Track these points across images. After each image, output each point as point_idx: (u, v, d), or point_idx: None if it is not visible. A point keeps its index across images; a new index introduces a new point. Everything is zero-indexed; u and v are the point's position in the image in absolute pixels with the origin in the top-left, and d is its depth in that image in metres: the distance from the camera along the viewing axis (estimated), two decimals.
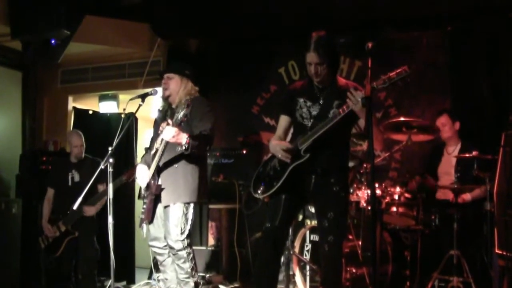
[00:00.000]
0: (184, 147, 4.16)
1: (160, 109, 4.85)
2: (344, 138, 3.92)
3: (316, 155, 3.71)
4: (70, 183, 5.83)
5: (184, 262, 4.45)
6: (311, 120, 3.80)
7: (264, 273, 3.89)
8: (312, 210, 5.36)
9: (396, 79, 3.36)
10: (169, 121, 4.27)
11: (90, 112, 7.79)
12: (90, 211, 5.59)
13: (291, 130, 4.03)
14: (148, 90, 4.58)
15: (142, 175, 4.55)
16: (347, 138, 3.99)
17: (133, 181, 4.73)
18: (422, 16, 6.13)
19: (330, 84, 3.82)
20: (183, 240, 4.43)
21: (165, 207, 4.48)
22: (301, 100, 3.87)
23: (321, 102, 3.80)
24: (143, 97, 4.43)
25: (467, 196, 5.09)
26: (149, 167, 4.53)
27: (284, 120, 4.02)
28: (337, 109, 3.64)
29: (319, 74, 3.72)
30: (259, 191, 3.94)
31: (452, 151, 5.43)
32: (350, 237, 5.02)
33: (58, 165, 6.19)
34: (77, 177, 5.82)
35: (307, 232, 5.36)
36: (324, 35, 3.71)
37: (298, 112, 3.88)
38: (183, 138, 4.15)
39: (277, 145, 3.82)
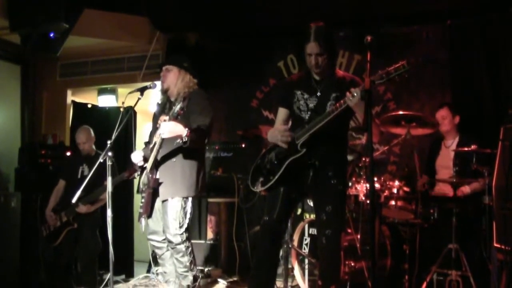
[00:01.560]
0: (184, 140, 4.15)
1: (159, 102, 4.84)
2: (342, 131, 3.91)
3: (314, 149, 3.71)
4: (79, 176, 5.89)
5: (183, 255, 4.46)
6: (309, 113, 3.80)
7: (262, 267, 3.88)
8: (311, 203, 5.37)
9: (394, 74, 3.35)
10: (165, 117, 4.27)
11: (89, 105, 7.80)
12: (81, 209, 5.61)
13: (290, 123, 4.02)
14: (147, 83, 4.59)
15: (136, 156, 4.56)
16: (345, 131, 3.97)
17: (134, 178, 4.75)
18: (422, 10, 6.11)
19: (328, 76, 3.81)
20: (182, 234, 4.44)
21: (164, 201, 4.48)
22: (298, 92, 3.86)
23: (318, 94, 3.79)
24: (142, 90, 4.43)
25: (466, 189, 5.09)
26: (147, 159, 4.54)
27: (282, 112, 4.01)
28: (334, 102, 3.64)
29: (319, 65, 3.70)
30: (256, 185, 3.94)
31: (450, 144, 5.44)
32: (349, 230, 5.03)
33: (71, 158, 6.32)
34: (86, 171, 5.86)
35: (306, 226, 5.36)
36: (323, 26, 3.70)
37: (296, 104, 3.86)
38: (183, 131, 4.14)
39: (274, 130, 3.82)
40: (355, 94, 3.42)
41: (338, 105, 3.55)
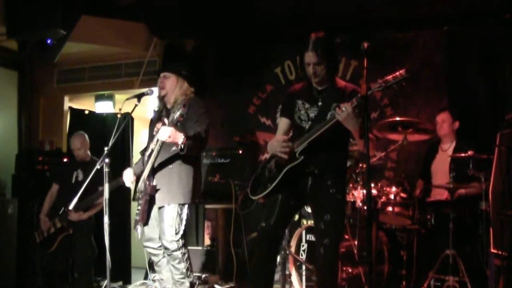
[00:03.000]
0: (180, 147, 4.16)
1: (156, 109, 4.84)
2: (342, 140, 3.88)
3: (313, 157, 3.70)
4: (73, 181, 5.87)
5: (179, 262, 4.45)
6: (309, 122, 3.80)
7: (259, 273, 3.87)
8: (309, 210, 5.36)
9: (392, 82, 3.37)
10: (165, 121, 4.26)
11: (86, 112, 7.78)
12: (73, 216, 5.59)
13: (291, 133, 4.03)
14: (144, 90, 4.58)
15: (127, 177, 4.55)
16: (345, 140, 3.93)
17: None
18: (419, 16, 6.14)
19: (329, 86, 3.81)
20: (178, 240, 4.43)
21: (160, 208, 4.47)
22: (300, 102, 3.87)
23: (319, 104, 3.80)
24: (139, 97, 4.43)
25: (461, 191, 5.09)
26: (140, 172, 4.53)
27: (283, 122, 4.02)
28: (335, 112, 3.64)
29: (317, 74, 3.71)
30: (255, 193, 3.94)
31: (447, 148, 5.45)
32: (346, 236, 5.03)
33: (66, 163, 6.25)
34: (81, 177, 5.85)
35: (303, 232, 5.36)
36: (323, 36, 3.70)
37: (297, 114, 3.87)
38: (180, 138, 4.15)
39: (273, 140, 3.82)
40: (344, 109, 3.43)
41: (330, 118, 3.59)
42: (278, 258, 5.07)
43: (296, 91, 4.01)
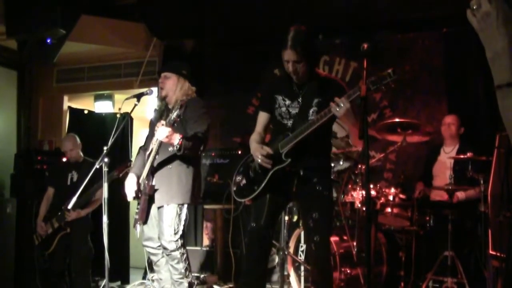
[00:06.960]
0: (176, 147, 4.15)
1: (157, 109, 4.83)
2: (325, 137, 3.84)
3: (298, 157, 3.66)
4: (69, 183, 5.86)
5: (178, 262, 4.44)
6: (291, 120, 3.73)
7: (252, 274, 3.85)
8: None
9: (380, 84, 3.20)
10: (163, 121, 4.26)
11: (86, 111, 7.79)
12: (71, 215, 5.57)
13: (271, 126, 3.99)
14: (144, 90, 4.58)
15: (130, 186, 4.51)
16: (328, 137, 3.92)
17: (124, 176, 4.72)
18: (418, 18, 6.14)
19: (309, 80, 3.71)
20: (177, 240, 4.42)
21: (159, 207, 4.47)
22: (280, 98, 3.79)
23: (300, 100, 3.72)
24: (138, 97, 4.43)
25: (461, 194, 5.10)
26: (140, 172, 4.52)
27: (263, 116, 3.95)
28: (317, 108, 3.60)
29: (297, 72, 3.61)
30: (240, 194, 3.92)
31: (450, 151, 5.46)
32: (345, 237, 5.03)
33: (59, 165, 6.26)
34: (76, 178, 5.84)
35: (302, 233, 5.35)
36: (303, 30, 3.59)
37: (277, 111, 3.80)
38: (176, 138, 4.13)
39: (257, 149, 3.73)
40: (342, 105, 3.29)
41: (323, 114, 3.46)
42: (277, 259, 5.07)
43: (275, 84, 3.93)
